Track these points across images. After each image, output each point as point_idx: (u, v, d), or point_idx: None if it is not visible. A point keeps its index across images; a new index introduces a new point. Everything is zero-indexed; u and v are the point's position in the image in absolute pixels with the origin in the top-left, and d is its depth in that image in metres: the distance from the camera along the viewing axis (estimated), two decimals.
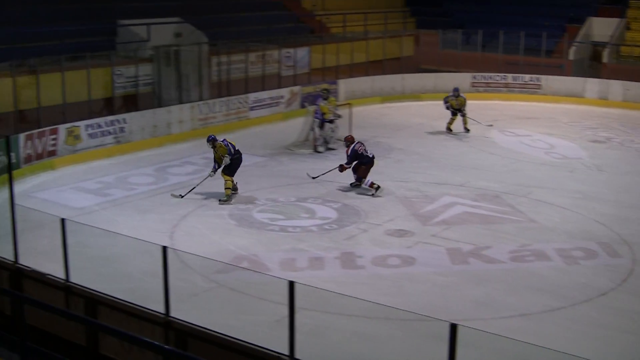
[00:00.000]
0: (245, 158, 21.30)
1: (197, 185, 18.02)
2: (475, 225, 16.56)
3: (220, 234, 15.64)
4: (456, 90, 26.03)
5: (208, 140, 17.98)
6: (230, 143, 17.99)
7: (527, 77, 33.37)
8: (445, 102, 25.84)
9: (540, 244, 15.60)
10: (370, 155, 18.86)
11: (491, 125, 26.69)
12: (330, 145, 23.02)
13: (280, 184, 19.22)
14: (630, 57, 33.88)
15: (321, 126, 22.89)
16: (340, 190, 18.76)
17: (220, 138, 18.18)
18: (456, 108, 25.74)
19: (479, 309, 12.68)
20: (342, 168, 18.89)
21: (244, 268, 13.69)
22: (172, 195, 18.01)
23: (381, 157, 22.10)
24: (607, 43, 35.85)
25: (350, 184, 18.99)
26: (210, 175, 17.94)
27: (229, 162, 17.73)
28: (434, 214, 17.18)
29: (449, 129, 25.85)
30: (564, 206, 18.10)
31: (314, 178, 19.28)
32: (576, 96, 32.70)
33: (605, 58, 35.27)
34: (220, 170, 17.86)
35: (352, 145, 18.81)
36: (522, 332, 11.55)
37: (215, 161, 17.92)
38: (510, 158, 22.72)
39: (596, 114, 30.37)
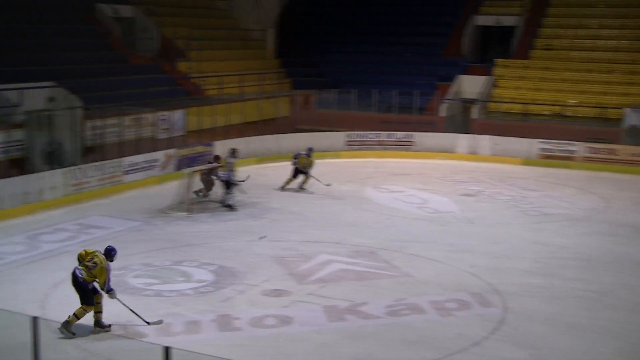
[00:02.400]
0: (119, 223, 21.26)
1: None
2: (351, 281, 16.73)
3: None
4: (310, 149, 26.88)
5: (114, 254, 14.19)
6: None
7: (400, 134, 34.16)
8: (295, 158, 26.50)
9: (415, 297, 15.88)
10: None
11: (329, 185, 26.87)
12: (235, 205, 23.32)
13: (156, 248, 18.99)
14: (497, 113, 35.13)
15: (230, 185, 23.13)
16: (218, 250, 18.70)
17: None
18: (301, 167, 26.35)
19: None
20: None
21: (118, 335, 13.45)
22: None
23: (257, 218, 22.28)
24: (476, 100, 37.12)
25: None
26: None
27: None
28: (310, 272, 17.29)
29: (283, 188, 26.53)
30: (437, 259, 18.53)
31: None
32: (448, 151, 33.69)
33: (474, 114, 36.51)
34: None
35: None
36: None
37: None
38: (385, 214, 23.13)
39: (466, 168, 31.31)
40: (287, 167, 30.12)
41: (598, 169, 31.31)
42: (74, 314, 13.44)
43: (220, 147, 28.92)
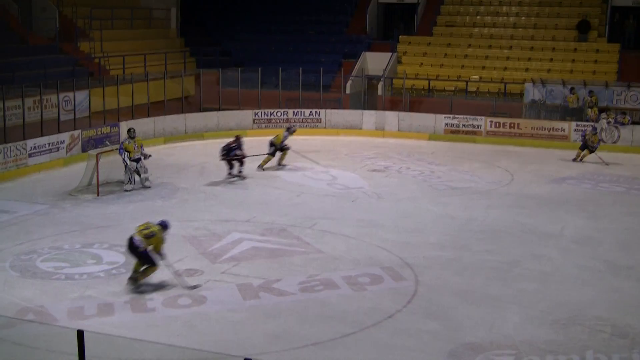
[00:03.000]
0: (25, 207, 20.80)
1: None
2: (264, 259, 16.76)
3: (0, 287, 14.99)
4: (292, 127, 27.40)
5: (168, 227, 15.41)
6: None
7: (307, 111, 34.21)
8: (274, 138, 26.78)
9: (328, 273, 16.01)
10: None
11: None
12: (145, 184, 23.03)
13: (65, 231, 18.63)
14: (402, 89, 35.46)
15: (126, 165, 22.69)
16: (128, 231, 18.43)
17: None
18: (279, 143, 26.53)
19: (272, 342, 12.84)
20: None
21: (29, 321, 13.21)
22: None
23: (167, 198, 22.07)
24: (380, 76, 37.42)
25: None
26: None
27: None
28: (222, 251, 17.25)
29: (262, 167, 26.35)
30: (349, 235, 18.69)
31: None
32: (355, 128, 33.91)
33: (379, 91, 36.82)
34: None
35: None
36: None
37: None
38: (295, 191, 23.18)
39: (374, 144, 31.58)
40: (194, 146, 30.22)
41: (502, 142, 31.92)
42: (142, 272, 14.96)
43: (126, 128, 28.43)
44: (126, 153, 22.78)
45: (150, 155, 23.39)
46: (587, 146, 28.37)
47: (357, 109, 35.10)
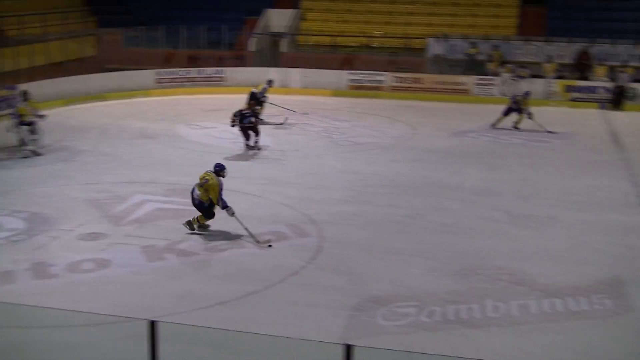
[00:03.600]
0: None
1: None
2: (168, 220, 16.65)
3: None
4: (270, 81, 27.82)
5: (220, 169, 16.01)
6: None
7: (210, 70, 33.97)
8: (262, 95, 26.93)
9: (231, 231, 15.99)
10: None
11: (307, 114, 27.53)
12: (37, 150, 22.30)
13: None
14: (306, 46, 35.50)
15: (18, 128, 22.11)
16: (28, 197, 18.13)
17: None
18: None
19: (178, 302, 12.81)
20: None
21: None
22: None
23: (68, 161, 21.68)
24: (284, 33, 37.34)
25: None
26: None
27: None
28: (126, 213, 17.08)
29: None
30: (253, 193, 18.69)
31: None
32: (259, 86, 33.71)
33: (283, 48, 36.74)
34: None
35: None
36: (221, 320, 11.91)
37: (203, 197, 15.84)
38: (199, 151, 23.04)
39: (278, 101, 31.43)
40: (95, 107, 29.78)
41: (405, 97, 32.32)
42: (196, 218, 15.90)
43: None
44: (15, 120, 22.18)
45: (46, 116, 22.80)
46: (521, 110, 26.73)
47: (261, 66, 35.00)
